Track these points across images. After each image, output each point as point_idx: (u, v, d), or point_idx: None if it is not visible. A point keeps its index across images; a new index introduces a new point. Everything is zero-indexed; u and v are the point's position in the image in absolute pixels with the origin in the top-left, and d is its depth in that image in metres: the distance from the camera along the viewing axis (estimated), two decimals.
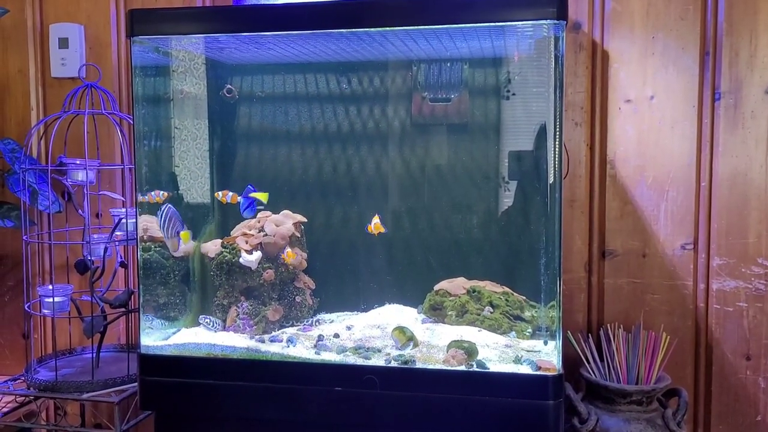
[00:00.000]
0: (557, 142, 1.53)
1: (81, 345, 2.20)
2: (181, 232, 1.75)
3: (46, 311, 2.05)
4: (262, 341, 1.70)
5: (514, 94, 1.80)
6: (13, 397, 2.03)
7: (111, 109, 2.09)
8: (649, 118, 1.94)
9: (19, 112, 2.39)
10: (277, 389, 1.58)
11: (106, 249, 2.03)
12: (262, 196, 1.74)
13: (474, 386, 1.50)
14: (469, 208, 1.89)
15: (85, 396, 1.85)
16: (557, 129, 1.49)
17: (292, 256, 1.80)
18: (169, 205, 1.69)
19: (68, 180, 2.07)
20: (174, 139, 1.94)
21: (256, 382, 1.58)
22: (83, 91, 2.06)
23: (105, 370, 1.99)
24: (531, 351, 1.65)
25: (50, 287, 2.04)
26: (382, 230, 1.76)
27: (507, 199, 1.90)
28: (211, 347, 1.66)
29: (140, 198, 1.74)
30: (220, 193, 1.86)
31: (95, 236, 2.11)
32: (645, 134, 1.95)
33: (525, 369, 1.53)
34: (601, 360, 1.85)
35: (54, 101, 2.28)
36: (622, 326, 1.86)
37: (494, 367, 1.54)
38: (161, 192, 1.82)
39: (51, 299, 2.02)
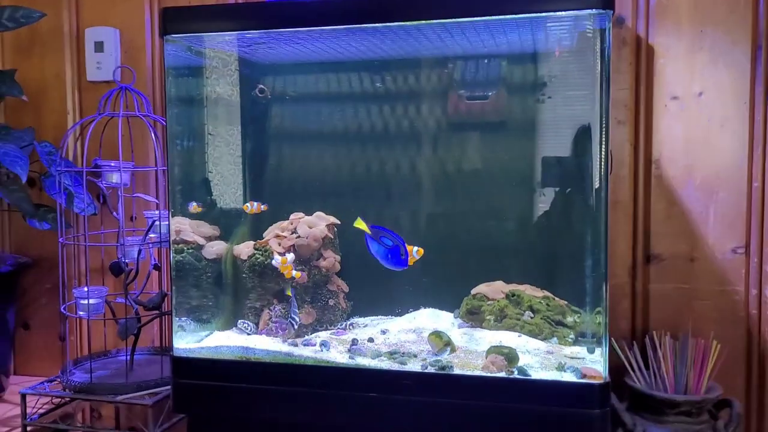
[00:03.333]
0: (603, 141, 1.44)
1: (116, 347, 2.17)
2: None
3: (81, 313, 2.03)
4: (295, 345, 1.65)
5: (549, 98, 1.73)
6: (49, 398, 2.02)
7: (145, 111, 2.08)
8: (697, 116, 1.86)
9: (55, 116, 2.38)
10: (310, 394, 1.53)
11: (140, 251, 2.01)
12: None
13: (515, 393, 1.43)
14: (507, 210, 1.82)
15: (119, 398, 1.83)
16: (603, 128, 1.40)
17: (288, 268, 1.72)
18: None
19: (103, 182, 2.06)
20: (207, 141, 1.91)
21: (289, 386, 1.54)
22: (117, 94, 2.05)
23: (139, 373, 1.97)
24: (574, 358, 1.55)
25: (85, 289, 2.02)
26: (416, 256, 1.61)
27: (546, 203, 1.78)
28: (244, 350, 1.62)
29: (191, 208, 1.77)
30: (248, 204, 1.81)
31: (129, 239, 2.09)
32: (693, 133, 1.86)
33: (568, 376, 1.45)
34: (647, 369, 1.76)
35: (90, 105, 2.27)
36: (668, 334, 1.76)
37: (536, 374, 1.47)
38: (193, 203, 1.80)
39: (86, 301, 2.00)
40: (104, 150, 2.20)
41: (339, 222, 1.82)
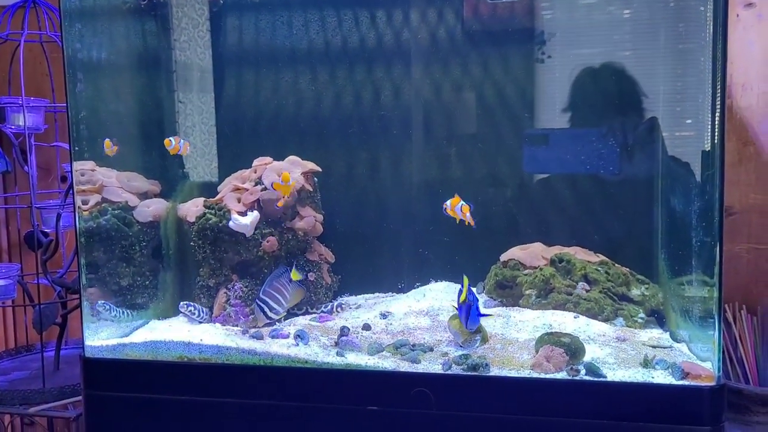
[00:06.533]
0: (720, 46, 1.03)
1: (48, 340, 1.74)
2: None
3: None
4: (260, 337, 1.25)
5: (549, 57, 1.42)
6: None
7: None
8: None
9: None
10: (281, 408, 1.13)
11: (59, 216, 1.53)
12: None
13: (584, 404, 1.02)
14: (546, 149, 1.44)
15: (31, 410, 1.49)
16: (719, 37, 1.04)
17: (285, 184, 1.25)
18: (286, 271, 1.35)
19: (8, 127, 1.54)
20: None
21: (252, 398, 1.14)
22: (22, 9, 1.50)
23: (67, 374, 1.62)
24: (658, 347, 1.14)
25: None
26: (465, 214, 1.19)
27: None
28: (186, 347, 1.20)
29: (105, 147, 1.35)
30: (172, 139, 1.37)
31: (52, 202, 1.66)
32: None
33: (662, 376, 1.04)
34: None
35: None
36: (744, 307, 1.49)
37: (612, 373, 1.05)
38: (107, 140, 1.35)
39: None
40: (15, 85, 1.70)
41: (320, 169, 1.46)
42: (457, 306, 1.15)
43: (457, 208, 1.14)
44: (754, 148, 1.55)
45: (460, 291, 1.14)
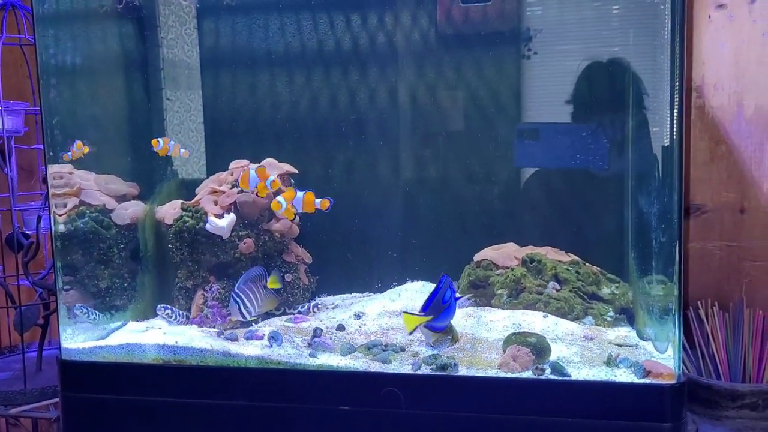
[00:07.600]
0: (677, 44, 1.10)
1: (33, 340, 1.79)
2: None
3: None
4: (235, 339, 1.25)
5: (535, 53, 1.45)
6: None
7: None
8: (750, 29, 1.54)
9: None
10: (254, 409, 1.14)
11: (39, 218, 1.55)
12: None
13: (549, 402, 1.04)
14: (524, 144, 1.47)
15: (12, 411, 1.50)
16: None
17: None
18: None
19: None
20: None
21: (225, 399, 1.15)
22: (9, 14, 1.53)
23: (49, 375, 1.62)
24: (624, 345, 1.18)
25: None
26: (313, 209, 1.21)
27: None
28: (160, 349, 1.19)
29: (75, 147, 1.36)
30: (160, 140, 1.40)
31: (34, 204, 1.68)
32: (744, 50, 1.55)
33: (624, 375, 1.06)
34: (692, 348, 1.50)
35: None
36: (716, 304, 1.50)
37: (577, 372, 1.07)
38: (77, 142, 1.37)
39: None
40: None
41: (296, 171, 1.47)
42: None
43: (297, 201, 1.16)
44: (726, 147, 1.57)
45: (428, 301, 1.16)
